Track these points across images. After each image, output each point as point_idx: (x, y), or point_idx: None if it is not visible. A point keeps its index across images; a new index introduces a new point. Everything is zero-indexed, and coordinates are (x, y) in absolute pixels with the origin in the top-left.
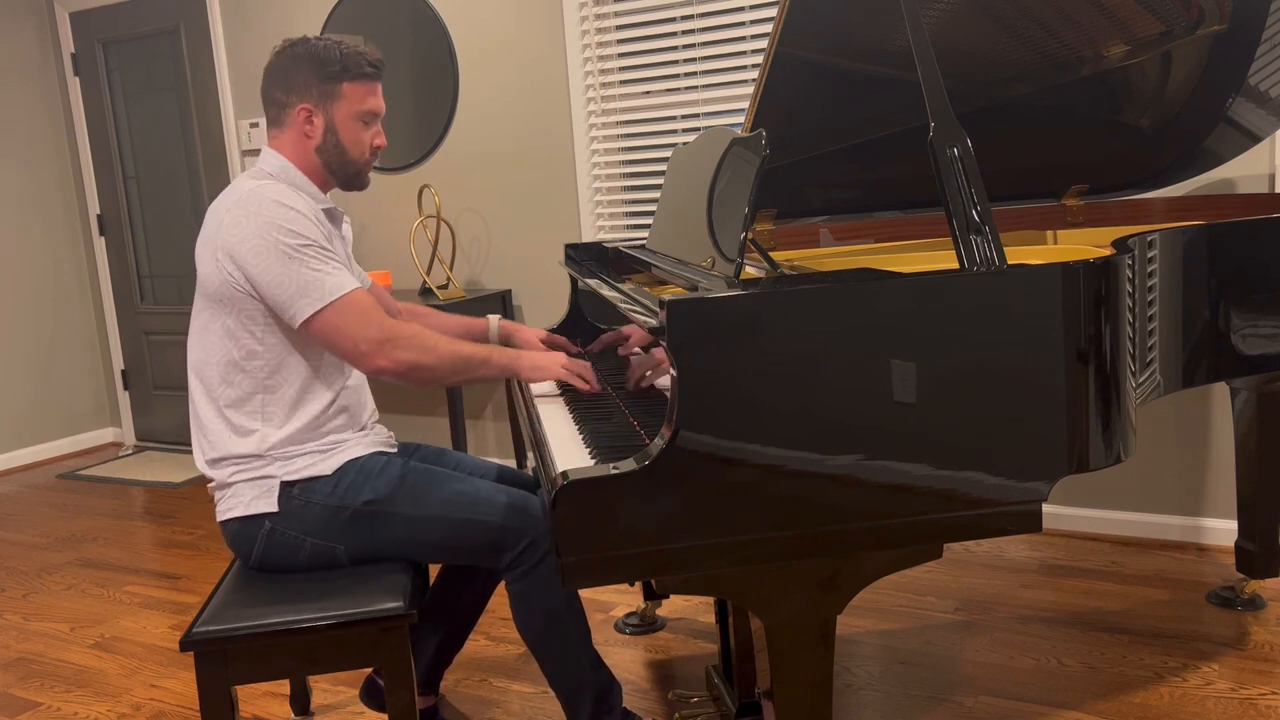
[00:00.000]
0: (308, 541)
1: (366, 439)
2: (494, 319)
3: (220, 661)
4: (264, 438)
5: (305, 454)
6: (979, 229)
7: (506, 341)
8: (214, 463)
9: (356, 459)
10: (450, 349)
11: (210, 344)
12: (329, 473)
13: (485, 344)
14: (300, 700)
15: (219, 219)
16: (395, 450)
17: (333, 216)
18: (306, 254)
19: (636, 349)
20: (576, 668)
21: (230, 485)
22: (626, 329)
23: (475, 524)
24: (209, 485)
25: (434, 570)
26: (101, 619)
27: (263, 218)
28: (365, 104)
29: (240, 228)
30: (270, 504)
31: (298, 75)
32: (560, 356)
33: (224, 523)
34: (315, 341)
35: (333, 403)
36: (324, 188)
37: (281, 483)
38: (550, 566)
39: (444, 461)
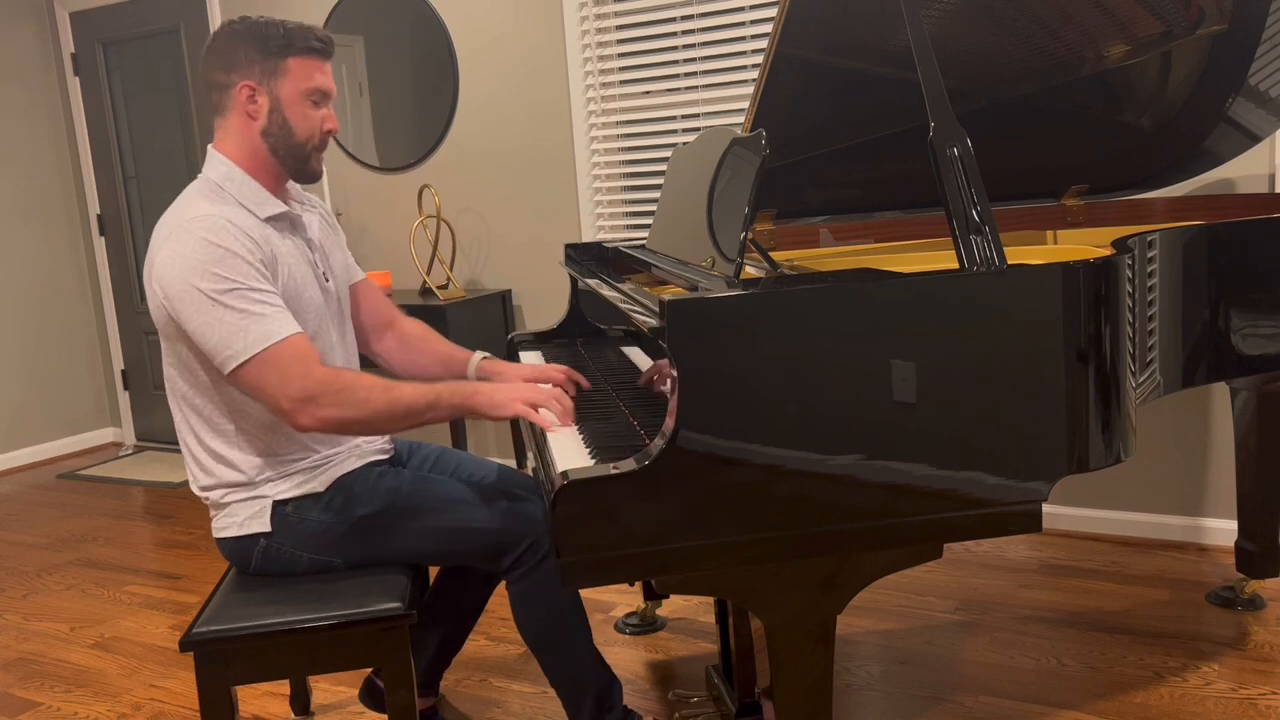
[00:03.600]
0: (304, 557)
1: (359, 450)
2: (476, 357)
3: (220, 662)
4: (246, 465)
5: (296, 472)
6: (979, 229)
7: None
8: (205, 488)
9: (349, 473)
10: (386, 399)
11: (175, 378)
12: (322, 489)
13: (437, 383)
14: (300, 700)
15: (154, 252)
16: (391, 455)
17: (289, 220)
18: (230, 299)
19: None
20: (577, 667)
21: (225, 505)
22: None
23: (474, 530)
24: (204, 499)
25: (434, 571)
26: (101, 619)
27: (188, 260)
28: (313, 81)
29: (170, 267)
30: (264, 524)
31: (238, 53)
32: (524, 388)
33: (220, 540)
34: (244, 393)
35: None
36: (276, 185)
37: (274, 502)
38: (551, 567)
39: (444, 461)
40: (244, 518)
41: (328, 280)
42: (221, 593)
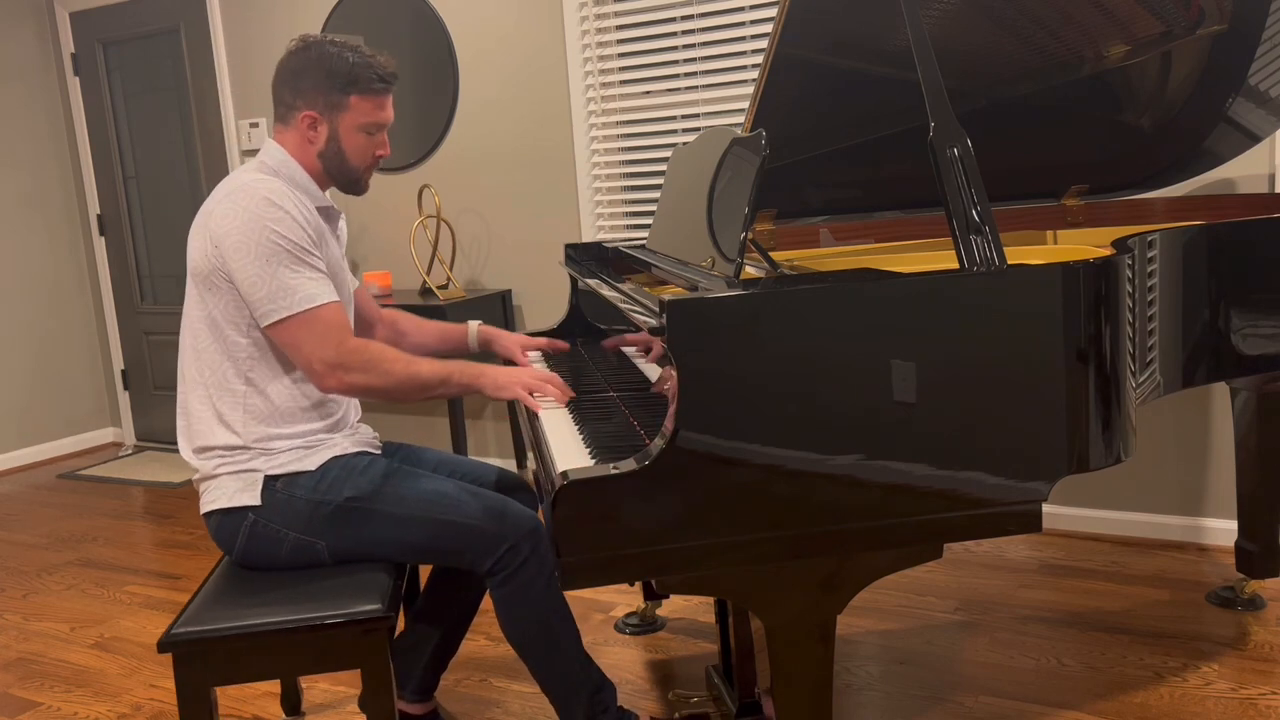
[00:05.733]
0: (290, 536)
1: (352, 438)
2: (473, 325)
3: (199, 663)
4: (246, 428)
5: (290, 449)
6: (979, 229)
7: (486, 347)
8: (199, 451)
9: (341, 456)
10: (406, 372)
11: (198, 332)
12: (313, 468)
13: (449, 360)
14: (291, 699)
15: (211, 208)
16: (380, 451)
17: (329, 214)
18: (286, 258)
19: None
20: (566, 670)
21: (215, 477)
22: (633, 337)
23: (456, 525)
24: (194, 478)
25: (425, 574)
26: (101, 619)
27: (251, 213)
28: (372, 117)
29: (229, 219)
30: (253, 497)
31: (306, 80)
32: (525, 373)
33: (208, 515)
34: (278, 345)
35: (315, 401)
36: (323, 186)
37: (265, 476)
38: (532, 570)
39: (422, 460)
40: (234, 490)
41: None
42: (204, 594)
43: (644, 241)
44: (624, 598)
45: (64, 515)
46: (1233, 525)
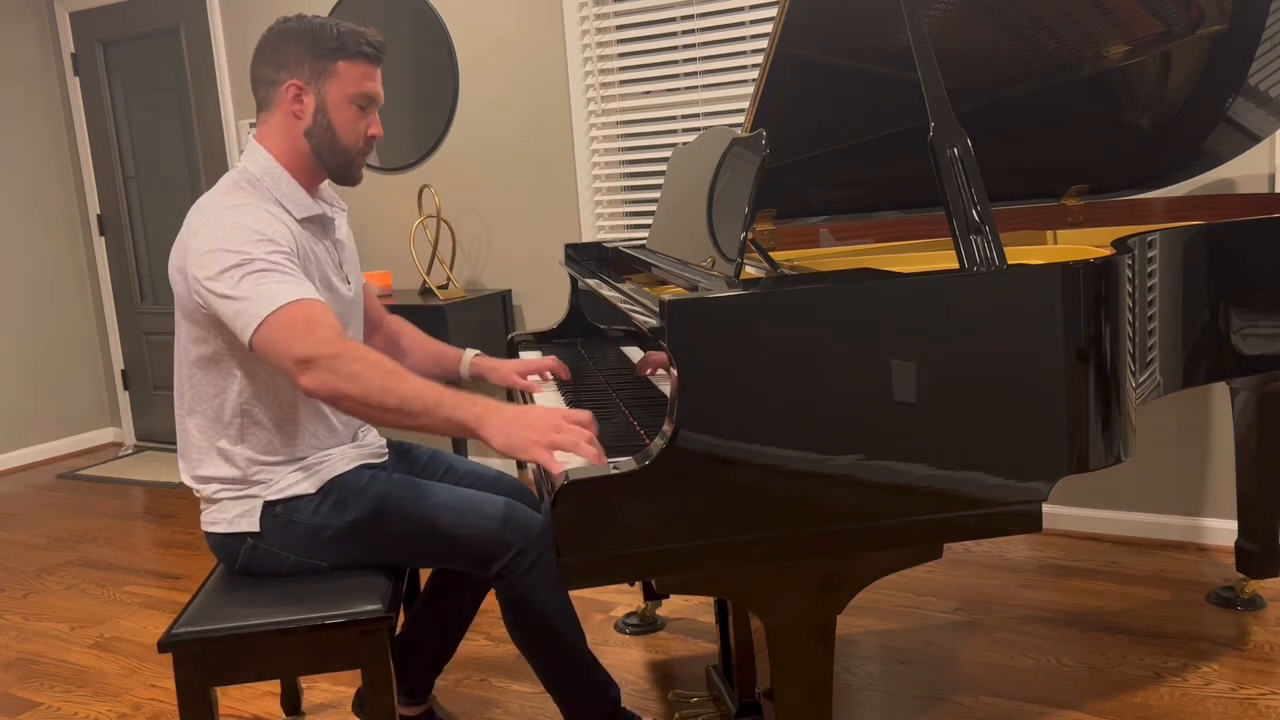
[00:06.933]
0: (290, 558)
1: (353, 452)
2: (469, 354)
3: (199, 663)
4: (242, 461)
5: (290, 473)
6: (979, 229)
7: (479, 379)
8: (199, 479)
9: (341, 475)
10: (381, 383)
11: (189, 364)
12: (312, 490)
13: (441, 386)
14: (291, 699)
15: (187, 239)
16: (384, 458)
17: (321, 222)
18: (253, 269)
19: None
20: (571, 671)
21: (215, 501)
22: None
23: (462, 536)
24: (195, 491)
25: (424, 575)
26: (101, 619)
27: (222, 241)
28: (361, 86)
29: (204, 249)
30: (253, 523)
31: (289, 51)
32: (544, 429)
33: (208, 533)
34: (262, 362)
35: (313, 425)
36: (313, 183)
37: (265, 502)
38: (539, 573)
39: (435, 463)
40: (234, 515)
41: (349, 282)
42: (204, 594)
43: (644, 241)
44: (624, 598)
45: (64, 515)
46: (1233, 525)
